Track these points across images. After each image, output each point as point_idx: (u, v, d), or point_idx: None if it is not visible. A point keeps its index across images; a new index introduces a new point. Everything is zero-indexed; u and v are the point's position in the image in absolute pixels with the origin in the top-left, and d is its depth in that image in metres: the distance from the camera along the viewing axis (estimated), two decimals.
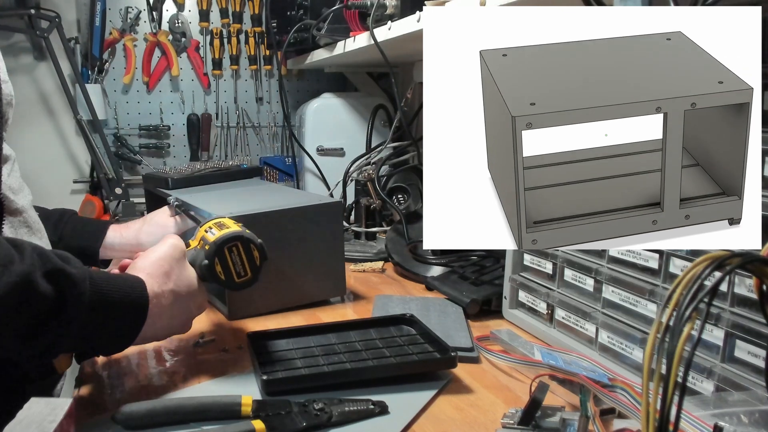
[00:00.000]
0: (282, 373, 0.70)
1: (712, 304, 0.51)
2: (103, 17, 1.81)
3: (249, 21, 1.95)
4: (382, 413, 0.63)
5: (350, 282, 1.15)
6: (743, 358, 0.58)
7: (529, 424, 0.59)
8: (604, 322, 0.74)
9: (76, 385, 0.74)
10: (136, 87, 1.91)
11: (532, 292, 0.87)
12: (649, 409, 0.36)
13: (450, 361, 0.72)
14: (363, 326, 0.83)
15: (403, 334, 0.82)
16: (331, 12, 1.38)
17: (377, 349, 0.77)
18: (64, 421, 0.39)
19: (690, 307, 0.36)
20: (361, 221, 1.41)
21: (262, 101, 2.00)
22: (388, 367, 0.71)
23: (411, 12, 1.07)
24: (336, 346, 0.78)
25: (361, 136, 1.65)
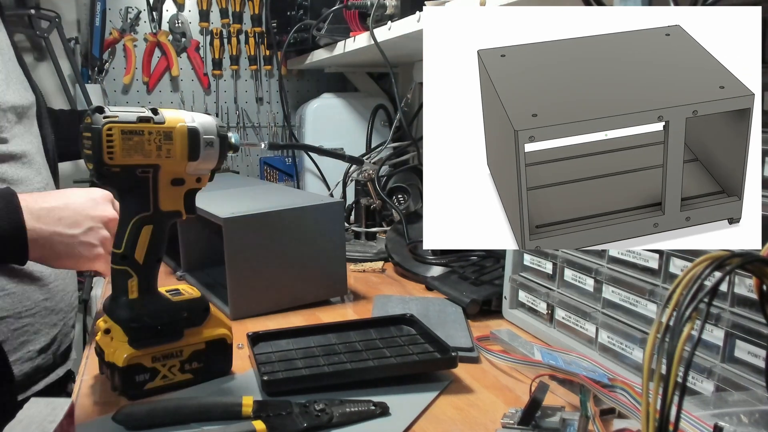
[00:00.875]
0: (282, 373, 0.70)
1: (712, 304, 0.51)
2: (103, 17, 1.81)
3: (249, 21, 1.95)
4: (383, 414, 0.63)
5: (350, 282, 1.15)
6: (743, 358, 0.58)
7: (529, 424, 0.59)
8: (604, 322, 0.74)
9: (76, 385, 0.74)
10: (136, 87, 1.91)
11: (532, 292, 0.87)
12: (649, 409, 0.36)
13: (450, 361, 0.72)
14: (363, 326, 0.83)
15: (404, 334, 0.82)
16: (331, 12, 1.38)
17: (377, 349, 0.77)
18: (64, 421, 0.39)
19: (690, 307, 0.36)
20: (361, 221, 1.41)
21: (262, 101, 2.00)
22: (388, 368, 0.71)
23: (411, 12, 1.07)
24: (336, 347, 0.78)
25: (361, 136, 1.65)
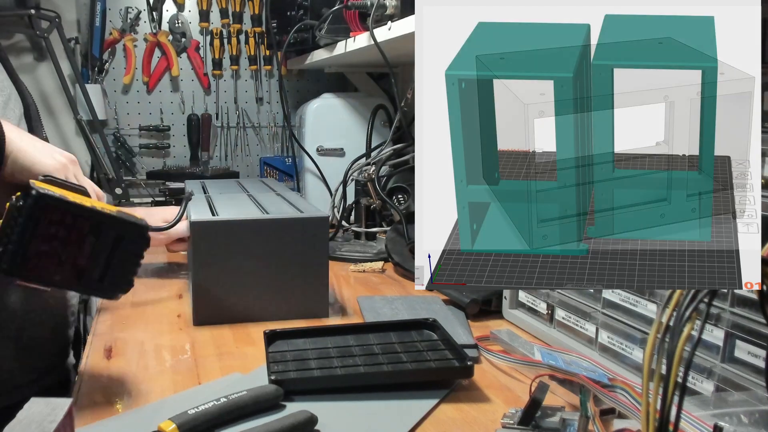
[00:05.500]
0: (294, 373, 0.70)
1: (712, 304, 0.51)
2: (103, 17, 1.81)
3: (249, 21, 1.95)
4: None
5: (350, 282, 1.15)
6: (743, 358, 0.58)
7: (529, 424, 0.59)
8: (604, 322, 0.74)
9: (76, 385, 0.74)
10: (136, 87, 1.91)
11: (532, 292, 0.87)
12: (649, 409, 0.36)
13: (466, 371, 0.71)
14: (384, 329, 0.82)
15: (424, 339, 0.80)
16: (332, 12, 1.38)
17: (395, 353, 0.75)
18: (64, 421, 0.39)
19: (690, 307, 0.36)
20: (361, 221, 1.41)
21: (262, 101, 2.00)
22: (400, 374, 0.70)
23: (411, 12, 1.07)
24: (353, 348, 0.77)
25: (361, 136, 1.65)
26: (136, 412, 0.66)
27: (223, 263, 0.90)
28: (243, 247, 0.91)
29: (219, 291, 0.91)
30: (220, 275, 0.91)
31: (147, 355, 0.81)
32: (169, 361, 0.79)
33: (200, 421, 0.59)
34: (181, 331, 0.89)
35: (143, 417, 0.64)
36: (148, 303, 1.02)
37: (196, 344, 0.84)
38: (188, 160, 1.97)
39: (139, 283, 1.12)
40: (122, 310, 0.98)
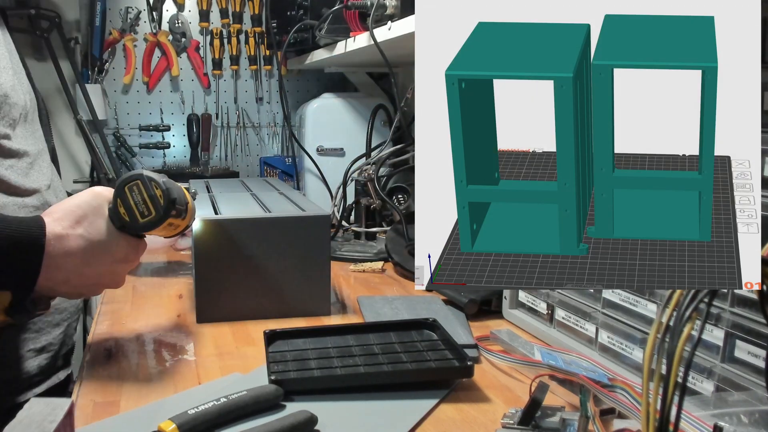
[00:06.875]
0: (294, 373, 0.70)
1: (712, 304, 0.51)
2: (103, 17, 1.82)
3: (249, 21, 1.95)
4: None
5: (350, 282, 1.15)
6: (743, 358, 0.58)
7: (529, 424, 0.59)
8: (604, 322, 0.74)
9: (76, 385, 0.74)
10: (136, 87, 1.91)
11: (532, 292, 0.87)
12: (649, 409, 0.36)
13: (466, 371, 0.71)
14: (384, 329, 0.82)
15: (424, 339, 0.80)
16: (332, 12, 1.38)
17: (395, 353, 0.75)
18: (64, 421, 0.39)
19: (690, 307, 0.36)
20: (361, 221, 1.41)
21: (262, 101, 2.01)
22: (400, 374, 0.70)
23: (411, 12, 1.07)
24: (353, 348, 0.77)
25: (361, 136, 1.65)
26: (136, 412, 0.65)
27: (226, 261, 0.91)
28: (246, 245, 0.92)
29: (222, 288, 0.92)
30: (223, 272, 0.92)
31: (147, 355, 0.81)
32: (169, 361, 0.79)
33: (200, 421, 0.59)
34: (181, 331, 0.90)
35: (143, 417, 0.63)
36: (148, 303, 1.02)
37: (196, 344, 0.84)
38: (188, 159, 1.97)
39: (139, 282, 1.13)
40: (122, 310, 0.98)
